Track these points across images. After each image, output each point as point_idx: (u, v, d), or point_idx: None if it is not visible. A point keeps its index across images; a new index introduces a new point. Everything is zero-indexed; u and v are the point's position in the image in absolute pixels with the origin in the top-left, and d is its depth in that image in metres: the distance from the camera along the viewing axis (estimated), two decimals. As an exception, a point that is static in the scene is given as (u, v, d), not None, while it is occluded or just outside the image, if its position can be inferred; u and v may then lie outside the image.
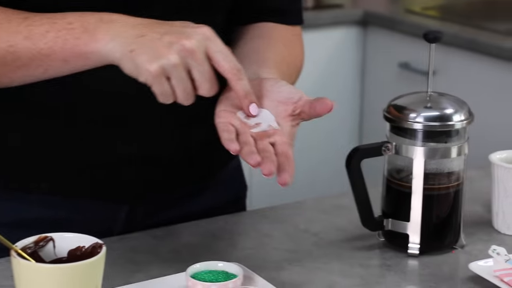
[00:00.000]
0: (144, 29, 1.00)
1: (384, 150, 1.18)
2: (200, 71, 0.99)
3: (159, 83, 0.98)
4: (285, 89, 1.08)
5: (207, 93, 1.00)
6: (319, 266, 1.15)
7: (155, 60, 0.97)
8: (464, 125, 1.17)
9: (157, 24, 1.01)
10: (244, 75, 1.01)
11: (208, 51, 0.99)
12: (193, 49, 0.98)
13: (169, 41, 0.98)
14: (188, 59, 0.98)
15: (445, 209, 1.19)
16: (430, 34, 1.18)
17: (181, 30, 0.99)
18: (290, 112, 1.06)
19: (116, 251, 1.17)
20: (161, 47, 0.98)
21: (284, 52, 1.21)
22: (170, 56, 0.97)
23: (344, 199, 1.33)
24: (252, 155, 1.00)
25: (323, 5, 2.87)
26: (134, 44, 0.99)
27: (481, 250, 1.20)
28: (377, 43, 2.78)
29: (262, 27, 1.25)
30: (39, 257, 0.99)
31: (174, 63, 0.97)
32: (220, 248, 1.19)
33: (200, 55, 0.98)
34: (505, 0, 2.92)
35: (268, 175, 0.99)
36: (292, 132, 1.06)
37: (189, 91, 0.99)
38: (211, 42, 0.99)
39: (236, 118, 1.04)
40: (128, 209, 1.24)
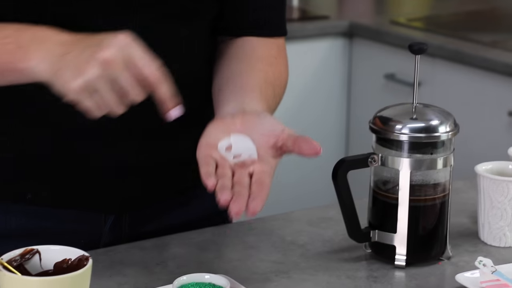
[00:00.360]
0: (69, 47, 1.03)
1: (370, 161, 1.18)
2: (123, 79, 1.00)
3: (83, 99, 1.01)
4: (267, 121, 1.09)
5: (136, 98, 1.02)
6: (306, 278, 1.15)
7: (77, 77, 1.00)
8: (450, 136, 1.18)
9: (82, 40, 1.04)
10: (165, 80, 1.03)
11: (129, 58, 1.01)
12: (111, 59, 0.99)
13: (89, 55, 1.00)
14: (109, 70, 1.00)
15: (431, 221, 1.19)
16: (415, 45, 1.18)
17: (100, 42, 1.01)
18: (272, 144, 1.07)
19: (102, 263, 1.16)
20: (82, 63, 1.00)
21: (268, 73, 1.21)
22: (90, 70, 0.99)
23: (331, 211, 1.33)
24: (224, 191, 1.01)
25: (309, 16, 2.87)
26: (60, 63, 1.02)
27: (467, 262, 1.20)
28: (363, 54, 2.79)
29: (245, 45, 1.24)
30: (25, 270, 0.98)
31: (95, 76, 0.99)
32: (207, 260, 1.19)
33: (120, 63, 1.00)
34: (489, 12, 2.94)
35: (235, 215, 1.00)
36: (273, 163, 1.07)
37: (115, 100, 1.01)
38: (130, 49, 1.01)
39: (216, 151, 1.06)
40: (114, 220, 1.24)
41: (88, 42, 1.02)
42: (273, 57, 1.24)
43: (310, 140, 1.06)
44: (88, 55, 1.00)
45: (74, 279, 0.95)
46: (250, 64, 1.21)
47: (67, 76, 1.00)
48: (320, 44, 2.78)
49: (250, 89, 1.17)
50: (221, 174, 1.04)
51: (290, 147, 1.06)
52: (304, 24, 2.78)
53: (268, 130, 1.08)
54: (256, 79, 1.19)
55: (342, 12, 3.03)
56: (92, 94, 1.00)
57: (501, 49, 2.49)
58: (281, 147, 1.07)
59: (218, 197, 1.01)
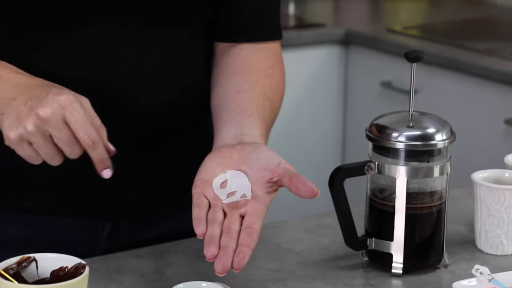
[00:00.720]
0: (18, 93, 1.06)
1: (366, 169, 1.18)
2: (57, 137, 1.04)
3: (20, 148, 1.05)
4: (264, 155, 1.09)
5: (69, 156, 1.06)
6: (303, 286, 1.15)
7: (15, 128, 1.04)
8: (446, 144, 1.18)
9: (30, 88, 1.07)
10: (98, 144, 1.06)
11: (65, 119, 1.04)
12: (46, 118, 1.03)
13: (29, 108, 1.04)
14: (45, 126, 1.04)
15: (428, 228, 1.19)
16: (411, 53, 1.19)
17: (43, 97, 1.04)
18: (268, 179, 1.08)
19: (99, 271, 1.16)
20: (22, 114, 1.04)
21: (265, 87, 1.21)
22: (26, 124, 1.04)
23: (328, 219, 1.33)
24: (211, 245, 1.02)
25: (305, 24, 2.88)
26: (5, 107, 1.06)
27: (464, 270, 1.20)
28: (359, 62, 2.79)
29: (241, 54, 1.24)
30: (22, 278, 0.98)
31: (30, 131, 1.04)
32: (204, 267, 1.18)
33: (55, 122, 1.04)
34: (485, 20, 2.95)
35: (220, 274, 1.01)
36: (267, 200, 1.08)
37: (51, 154, 1.05)
38: (67, 111, 1.04)
39: (210, 189, 1.07)
40: (111, 227, 1.24)
41: (35, 93, 1.05)
42: (270, 67, 1.24)
43: (306, 182, 1.06)
44: (29, 109, 1.04)
45: (71, 287, 0.95)
46: (247, 78, 1.21)
47: (7, 123, 1.05)
48: (316, 52, 2.78)
49: (248, 112, 1.17)
50: (211, 218, 1.05)
51: (286, 183, 1.07)
52: (300, 32, 2.79)
53: (264, 164, 1.08)
54: (254, 96, 1.19)
55: (338, 20, 3.03)
56: (28, 145, 1.05)
57: (497, 57, 2.50)
58: (276, 182, 1.08)
59: (205, 251, 1.02)
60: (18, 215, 1.21)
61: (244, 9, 1.24)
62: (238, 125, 1.15)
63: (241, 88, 1.20)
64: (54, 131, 1.04)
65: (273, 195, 1.09)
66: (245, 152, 1.09)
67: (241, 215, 1.06)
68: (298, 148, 2.76)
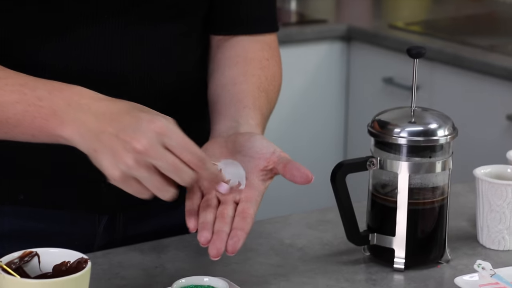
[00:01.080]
0: (105, 124, 1.01)
1: (368, 165, 1.18)
2: (162, 166, 0.98)
3: (127, 186, 1.00)
4: (258, 143, 1.09)
5: (181, 183, 1.00)
6: (305, 281, 1.15)
7: (115, 166, 0.99)
8: (448, 140, 1.18)
9: (117, 116, 1.01)
10: (207, 162, 1.01)
11: (166, 146, 0.99)
12: (145, 150, 0.98)
13: (124, 141, 0.98)
14: (146, 158, 0.98)
15: (430, 224, 1.19)
16: (414, 49, 1.18)
17: (136, 127, 0.99)
18: (262, 167, 1.08)
19: (101, 266, 1.16)
20: (118, 150, 0.99)
21: (261, 78, 1.22)
22: (126, 160, 0.98)
23: (329, 214, 1.34)
24: (203, 232, 1.03)
25: (307, 20, 2.88)
26: (96, 142, 1.00)
27: (466, 265, 1.20)
28: (361, 58, 2.79)
29: (237, 47, 1.25)
30: (24, 273, 0.98)
31: (131, 166, 0.98)
32: (205, 262, 1.18)
33: (156, 151, 0.98)
34: (487, 16, 2.94)
35: (213, 257, 1.02)
36: (262, 188, 1.08)
37: (160, 185, 0.99)
38: (165, 138, 0.99)
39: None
40: (108, 220, 1.24)
41: (125, 124, 0.99)
42: (266, 59, 1.25)
43: (301, 168, 1.06)
44: (124, 142, 0.98)
45: (73, 282, 0.95)
46: (242, 70, 1.22)
47: (106, 162, 0.99)
48: (318, 48, 2.78)
49: (244, 103, 1.17)
50: (205, 204, 1.06)
51: (281, 170, 1.07)
52: (302, 28, 2.79)
53: (259, 152, 1.08)
54: (249, 88, 1.20)
55: (340, 16, 3.03)
56: (134, 181, 0.99)
57: (499, 53, 2.50)
58: (271, 170, 1.08)
59: (198, 236, 1.03)
60: (13, 208, 1.21)
61: (241, 2, 1.25)
62: (234, 116, 1.16)
63: (236, 80, 1.21)
64: (157, 161, 0.98)
65: (268, 183, 1.09)
66: (239, 141, 1.10)
67: (235, 201, 1.06)
68: (300, 143, 2.76)
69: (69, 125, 1.02)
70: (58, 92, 1.03)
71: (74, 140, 1.02)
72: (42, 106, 1.03)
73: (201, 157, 1.00)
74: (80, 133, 1.01)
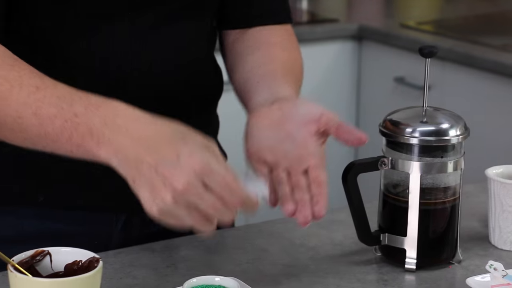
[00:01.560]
0: (142, 151, 0.98)
1: (380, 164, 1.18)
2: (202, 205, 0.97)
3: (166, 219, 0.99)
4: (304, 108, 1.09)
5: (222, 221, 0.99)
6: (316, 281, 1.15)
7: (154, 202, 0.97)
8: (460, 140, 1.17)
9: (156, 145, 0.98)
10: (247, 199, 1.00)
11: (205, 185, 0.97)
12: (183, 190, 0.96)
13: (163, 176, 0.96)
14: (185, 197, 0.97)
15: (441, 224, 1.19)
16: (426, 49, 1.18)
17: (174, 161, 0.97)
18: (315, 132, 1.08)
19: (113, 265, 1.16)
20: (157, 186, 0.97)
21: (284, 60, 1.22)
22: (165, 197, 0.97)
23: (341, 214, 1.33)
24: (287, 205, 1.05)
25: (318, 20, 2.87)
26: (135, 172, 0.98)
27: (478, 265, 1.20)
28: (373, 57, 2.78)
29: (256, 35, 1.26)
30: (36, 272, 0.99)
31: (169, 204, 0.97)
32: (217, 262, 1.19)
33: (195, 191, 0.96)
34: (499, 15, 2.93)
35: (304, 225, 1.05)
36: (321, 152, 1.08)
37: (200, 221, 0.98)
38: (205, 177, 0.97)
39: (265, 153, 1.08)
40: (125, 220, 1.24)
41: (164, 155, 0.97)
42: (287, 42, 1.26)
43: (353, 131, 1.07)
44: (163, 178, 0.96)
45: (85, 281, 0.95)
46: (267, 53, 1.22)
47: (145, 197, 0.98)
48: (330, 47, 2.78)
49: (275, 79, 1.17)
50: (277, 179, 1.07)
51: (334, 134, 1.08)
52: (313, 27, 2.78)
53: (307, 118, 1.08)
54: (276, 67, 1.20)
55: (351, 15, 3.02)
56: (172, 217, 0.98)
57: (511, 52, 2.49)
58: (323, 132, 1.08)
59: (284, 210, 1.05)
60: (33, 210, 1.21)
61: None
62: (268, 89, 1.16)
63: (261, 63, 1.21)
64: (196, 200, 0.96)
65: (324, 146, 1.09)
66: (284, 109, 1.09)
67: (304, 170, 1.06)
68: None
69: (105, 146, 1.00)
70: (94, 109, 1.01)
71: (112, 163, 1.00)
72: (78, 122, 1.01)
73: (242, 197, 0.99)
74: (118, 158, 0.99)
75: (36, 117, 1.03)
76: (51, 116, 1.02)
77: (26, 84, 1.04)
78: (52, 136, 1.03)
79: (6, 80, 1.04)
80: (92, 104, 1.02)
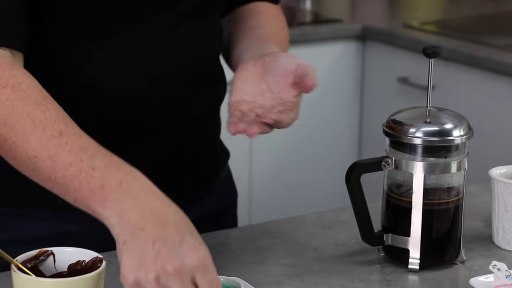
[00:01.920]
0: (148, 222, 0.95)
1: (383, 165, 1.18)
2: None
3: None
4: (283, 60, 1.14)
5: None
6: (319, 281, 1.15)
7: (135, 272, 0.93)
8: (464, 140, 1.17)
9: (163, 221, 0.96)
10: None
11: (195, 281, 0.94)
12: (173, 274, 0.93)
13: (157, 252, 0.93)
14: (169, 281, 0.93)
15: (445, 224, 1.19)
16: (429, 49, 1.18)
17: (176, 245, 0.94)
18: (291, 83, 1.12)
19: (116, 265, 1.16)
20: (147, 257, 0.93)
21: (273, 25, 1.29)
22: (149, 272, 0.93)
23: (344, 214, 1.33)
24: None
25: (322, 20, 2.87)
26: (130, 236, 0.95)
27: (481, 266, 1.20)
28: (376, 57, 2.78)
29: (247, 7, 1.33)
30: (39, 272, 0.99)
31: (150, 281, 0.93)
32: (220, 262, 1.18)
33: (182, 280, 0.93)
34: (503, 15, 2.93)
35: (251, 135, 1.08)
36: (296, 102, 1.13)
37: None
38: (198, 273, 0.94)
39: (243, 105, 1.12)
40: None
41: (167, 235, 0.94)
42: (275, 14, 1.33)
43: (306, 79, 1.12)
44: (157, 254, 0.93)
45: (88, 281, 0.95)
46: (255, 19, 1.29)
47: (127, 262, 0.94)
48: (333, 47, 2.78)
49: (263, 38, 1.24)
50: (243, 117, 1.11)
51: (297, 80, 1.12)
52: (317, 28, 2.78)
53: (285, 69, 1.12)
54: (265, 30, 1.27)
55: (355, 15, 3.02)
56: None
57: (515, 52, 2.49)
58: (299, 83, 1.12)
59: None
60: (50, 212, 1.21)
61: None
62: (257, 49, 1.21)
63: (251, 27, 1.28)
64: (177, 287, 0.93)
65: (300, 98, 1.14)
66: (267, 63, 1.14)
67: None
68: (315, 143, 2.76)
69: (111, 205, 0.97)
70: (114, 169, 0.99)
71: (110, 222, 0.97)
72: (93, 176, 0.98)
73: None
74: (119, 219, 0.97)
75: (51, 160, 1.01)
76: (66, 164, 1.00)
77: (50, 128, 1.02)
78: (61, 181, 1.01)
79: (31, 118, 1.03)
80: (113, 164, 1.00)
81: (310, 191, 2.76)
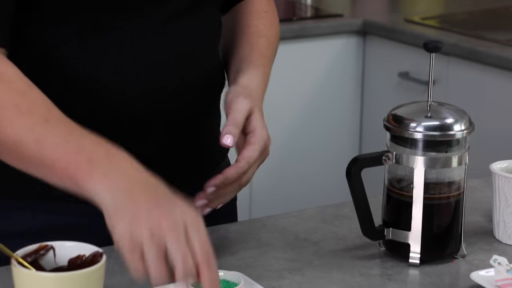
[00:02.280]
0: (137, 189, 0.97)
1: (384, 159, 1.18)
2: (174, 251, 0.93)
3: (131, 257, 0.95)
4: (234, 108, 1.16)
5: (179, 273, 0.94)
6: (319, 275, 1.15)
7: (129, 229, 0.94)
8: (465, 134, 1.17)
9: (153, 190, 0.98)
10: (213, 264, 0.96)
11: (188, 238, 0.94)
12: (168, 229, 0.93)
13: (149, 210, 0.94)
14: (164, 236, 0.93)
15: (446, 219, 1.19)
16: (430, 43, 1.18)
17: (170, 207, 0.96)
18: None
19: (116, 259, 1.16)
20: (140, 216, 0.94)
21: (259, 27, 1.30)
22: (143, 228, 0.93)
23: (345, 209, 1.33)
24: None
25: (323, 15, 2.87)
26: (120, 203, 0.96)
27: (482, 260, 1.19)
28: (377, 52, 2.78)
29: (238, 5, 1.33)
30: (40, 266, 0.99)
31: (146, 237, 0.93)
32: (220, 256, 1.18)
33: (177, 235, 0.94)
34: (504, 10, 2.93)
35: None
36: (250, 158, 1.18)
37: (159, 271, 0.93)
38: (191, 229, 0.95)
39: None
40: None
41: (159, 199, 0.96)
42: (264, 12, 1.32)
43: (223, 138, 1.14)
44: (149, 210, 0.94)
45: (88, 275, 0.95)
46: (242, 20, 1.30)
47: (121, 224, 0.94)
48: (334, 42, 2.78)
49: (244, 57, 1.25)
50: None
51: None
52: (317, 22, 2.78)
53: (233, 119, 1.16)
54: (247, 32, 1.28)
55: (356, 10, 3.02)
56: (139, 257, 0.94)
57: (516, 47, 2.48)
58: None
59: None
60: (45, 204, 1.21)
61: None
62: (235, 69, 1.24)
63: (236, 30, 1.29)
64: (173, 244, 0.93)
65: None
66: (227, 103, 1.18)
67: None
68: (316, 138, 2.76)
69: (99, 177, 0.98)
70: (102, 147, 1.01)
71: (100, 196, 0.97)
72: (80, 154, 1.00)
73: (212, 264, 0.95)
74: (109, 190, 0.97)
75: (37, 143, 1.02)
76: (52, 146, 1.01)
77: (36, 114, 1.03)
78: (48, 163, 1.01)
79: (17, 107, 1.03)
80: (101, 144, 1.01)
81: (311, 185, 2.76)
